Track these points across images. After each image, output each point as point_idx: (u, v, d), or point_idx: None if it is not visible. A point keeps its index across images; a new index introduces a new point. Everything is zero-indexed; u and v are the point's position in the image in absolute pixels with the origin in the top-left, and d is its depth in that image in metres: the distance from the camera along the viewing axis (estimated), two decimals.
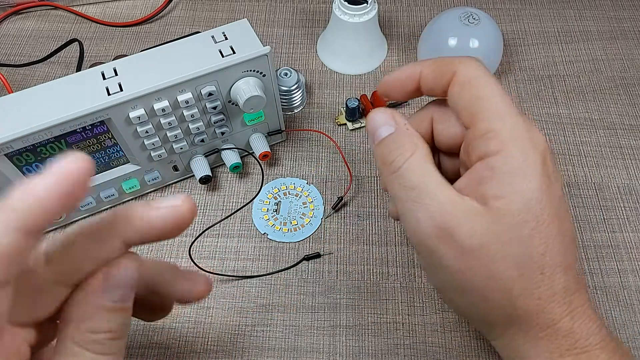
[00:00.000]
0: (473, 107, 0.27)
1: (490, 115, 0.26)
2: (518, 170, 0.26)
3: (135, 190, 0.42)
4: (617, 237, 0.41)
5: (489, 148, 0.26)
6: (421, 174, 0.27)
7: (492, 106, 0.27)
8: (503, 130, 0.26)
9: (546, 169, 0.26)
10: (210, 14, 0.56)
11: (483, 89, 0.27)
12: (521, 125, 0.26)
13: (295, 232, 0.41)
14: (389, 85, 0.30)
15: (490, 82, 0.27)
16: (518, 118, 0.27)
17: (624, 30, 0.54)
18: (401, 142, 0.28)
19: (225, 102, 0.39)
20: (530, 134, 0.26)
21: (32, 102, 0.35)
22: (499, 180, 0.26)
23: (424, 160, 0.27)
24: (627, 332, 0.36)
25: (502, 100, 0.27)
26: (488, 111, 0.27)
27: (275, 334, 0.37)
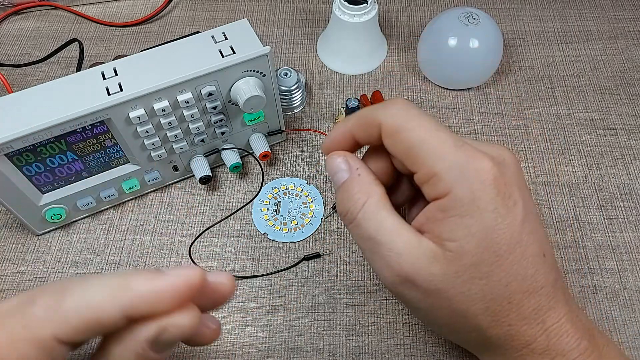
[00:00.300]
0: (410, 156, 0.27)
1: (428, 159, 0.26)
2: (467, 211, 0.25)
3: (135, 190, 0.42)
4: (617, 237, 0.41)
5: (437, 191, 0.26)
6: (375, 223, 0.27)
7: (426, 150, 0.26)
8: (444, 171, 0.26)
9: (499, 199, 0.26)
10: (210, 14, 0.56)
11: (412, 135, 0.26)
12: (462, 160, 0.26)
13: (295, 232, 0.41)
14: (331, 146, 0.30)
15: (417, 125, 0.26)
16: (457, 153, 0.26)
17: (624, 30, 0.54)
18: (353, 192, 0.28)
19: (225, 102, 0.39)
20: (474, 165, 0.26)
21: (32, 102, 0.35)
22: (450, 223, 0.26)
23: (377, 208, 0.27)
24: (627, 332, 0.36)
25: (436, 138, 0.26)
26: (424, 156, 0.26)
27: (275, 334, 0.37)
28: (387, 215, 0.27)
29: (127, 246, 0.41)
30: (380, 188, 0.28)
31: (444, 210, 0.26)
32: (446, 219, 0.26)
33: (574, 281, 0.39)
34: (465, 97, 0.49)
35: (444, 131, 0.27)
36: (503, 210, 0.26)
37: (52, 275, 0.39)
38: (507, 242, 0.26)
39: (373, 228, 0.27)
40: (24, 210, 0.38)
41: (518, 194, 0.26)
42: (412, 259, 0.26)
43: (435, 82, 0.50)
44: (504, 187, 0.26)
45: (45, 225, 0.41)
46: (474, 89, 0.50)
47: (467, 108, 0.48)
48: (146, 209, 0.43)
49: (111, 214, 0.43)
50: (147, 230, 0.42)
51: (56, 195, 0.39)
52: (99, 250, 0.41)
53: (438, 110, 0.48)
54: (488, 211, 0.25)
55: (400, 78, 0.50)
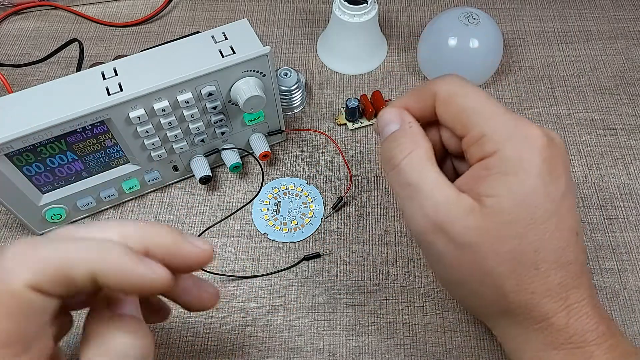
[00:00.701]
0: (462, 119, 0.28)
1: (479, 121, 0.27)
2: (511, 170, 0.26)
3: (135, 190, 0.42)
4: (617, 237, 0.41)
5: (485, 151, 0.27)
6: (418, 171, 0.28)
7: (478, 113, 0.27)
8: (495, 132, 0.27)
9: (545, 166, 0.26)
10: (210, 14, 0.56)
11: (465, 100, 0.28)
12: (513, 124, 0.27)
13: (295, 232, 0.41)
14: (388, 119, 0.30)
15: (471, 92, 0.28)
16: (508, 117, 0.27)
17: (624, 30, 0.54)
18: (402, 140, 0.29)
19: (225, 102, 0.39)
20: (525, 131, 0.27)
21: (32, 102, 0.35)
22: (493, 179, 0.27)
23: (422, 159, 0.28)
24: (627, 332, 0.36)
25: (487, 104, 0.28)
26: (476, 118, 0.27)
27: (275, 334, 0.37)
28: (431, 167, 0.28)
29: None
30: (428, 143, 0.29)
31: (488, 168, 0.27)
32: (489, 176, 0.27)
33: None
34: None
35: (495, 101, 0.28)
36: (547, 177, 0.26)
37: None
38: (545, 209, 0.26)
39: (416, 175, 0.27)
40: (24, 210, 0.38)
41: (562, 170, 0.27)
42: (449, 209, 0.27)
43: None
44: (551, 157, 0.27)
45: (45, 225, 0.41)
46: None
47: None
48: (146, 209, 0.43)
49: (111, 214, 0.43)
50: None
51: (56, 195, 0.39)
52: None
53: None
54: (532, 174, 0.26)
55: (400, 78, 0.50)
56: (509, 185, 0.26)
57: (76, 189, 0.39)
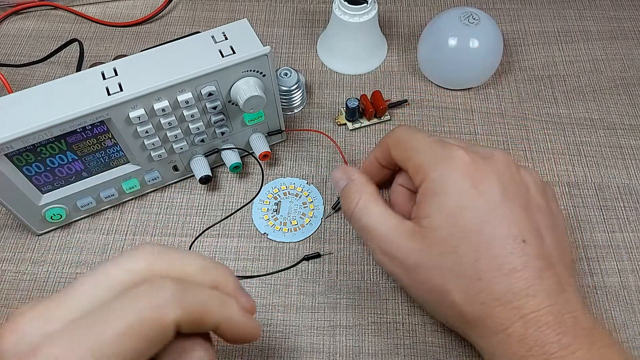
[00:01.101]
0: (405, 158, 0.33)
1: (414, 155, 0.32)
2: (438, 191, 0.30)
3: (135, 190, 0.42)
4: (617, 237, 0.41)
5: (419, 179, 0.31)
6: (366, 214, 0.32)
7: (416, 149, 0.32)
8: (425, 160, 0.31)
9: (469, 181, 0.29)
10: (210, 14, 0.56)
11: (406, 140, 0.33)
12: (440, 151, 0.31)
13: (295, 232, 0.41)
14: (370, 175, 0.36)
15: (412, 134, 0.33)
16: (436, 145, 0.32)
17: (624, 30, 0.54)
18: (349, 193, 0.34)
19: (225, 102, 0.39)
20: (449, 154, 0.30)
21: (32, 102, 0.35)
22: (425, 202, 0.30)
23: (366, 202, 0.33)
24: (627, 332, 0.36)
25: (422, 140, 0.32)
26: (414, 153, 0.32)
27: (275, 334, 0.37)
28: (376, 207, 0.32)
29: (127, 246, 0.41)
30: (371, 187, 0.34)
31: (423, 193, 0.31)
32: (423, 200, 0.30)
33: None
34: (465, 97, 0.49)
35: (433, 137, 0.33)
36: (472, 191, 0.29)
37: (52, 275, 0.40)
38: (474, 221, 0.29)
39: (365, 218, 0.32)
40: (24, 210, 0.38)
41: (495, 182, 0.30)
42: (393, 237, 0.31)
43: (435, 82, 0.50)
44: (475, 173, 0.30)
45: (45, 225, 0.41)
46: (474, 89, 0.50)
47: (467, 108, 0.48)
48: (146, 209, 0.43)
49: (111, 214, 0.43)
50: (147, 230, 0.42)
51: (56, 195, 0.39)
52: (99, 250, 0.41)
53: (438, 110, 0.48)
54: (455, 192, 0.29)
55: (400, 78, 0.50)
56: (437, 204, 0.30)
57: (76, 189, 0.39)
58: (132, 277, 0.22)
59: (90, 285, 0.22)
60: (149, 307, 0.21)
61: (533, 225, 0.29)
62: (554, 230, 0.31)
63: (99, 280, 0.22)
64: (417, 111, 0.48)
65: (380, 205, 0.32)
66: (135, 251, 0.23)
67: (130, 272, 0.22)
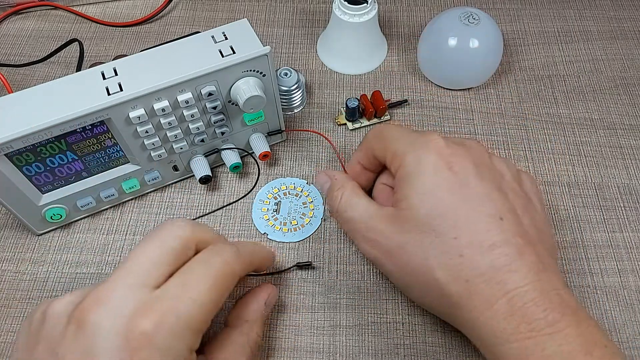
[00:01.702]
0: (383, 147, 0.34)
1: (391, 144, 0.33)
2: (413, 173, 0.31)
3: (135, 190, 0.42)
4: (617, 237, 0.41)
5: (395, 165, 0.32)
6: (349, 206, 0.34)
7: (391, 138, 0.33)
8: (400, 148, 0.32)
9: (443, 162, 0.30)
10: (210, 14, 0.56)
11: (385, 132, 0.34)
12: (415, 137, 0.32)
13: (295, 232, 0.41)
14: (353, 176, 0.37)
15: (391, 127, 0.35)
16: (411, 134, 0.33)
17: (624, 30, 0.54)
18: (332, 191, 0.36)
19: (225, 102, 0.39)
20: (425, 138, 0.32)
21: (32, 102, 0.35)
22: (402, 185, 0.31)
23: (348, 196, 0.34)
24: (627, 332, 0.36)
25: (399, 130, 0.34)
26: (390, 142, 0.33)
27: (275, 334, 0.37)
28: (358, 199, 0.34)
29: (127, 246, 0.41)
30: (351, 182, 0.35)
31: (400, 178, 0.32)
32: (400, 184, 0.31)
33: (574, 281, 0.39)
34: (465, 97, 0.49)
35: (410, 129, 0.34)
36: (446, 172, 0.30)
37: (52, 275, 0.39)
38: (450, 199, 0.29)
39: (348, 210, 0.34)
40: (24, 210, 0.38)
41: (470, 165, 0.30)
42: (374, 223, 0.32)
43: (435, 82, 0.50)
44: (450, 156, 0.31)
45: (45, 225, 0.41)
46: (474, 89, 0.50)
47: (467, 108, 0.48)
48: (146, 209, 0.43)
49: (111, 214, 0.43)
50: (147, 230, 0.42)
51: (56, 195, 0.39)
52: (99, 250, 0.41)
53: (438, 110, 0.48)
54: (430, 172, 0.30)
55: (400, 78, 0.50)
56: (413, 185, 0.30)
57: (76, 189, 0.39)
58: (182, 243, 0.28)
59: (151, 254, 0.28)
60: (223, 263, 0.29)
61: (509, 205, 0.30)
62: (531, 213, 0.31)
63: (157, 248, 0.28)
64: (417, 111, 0.48)
65: (362, 197, 0.34)
66: (175, 222, 0.29)
67: (180, 239, 0.28)
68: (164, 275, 0.27)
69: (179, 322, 0.26)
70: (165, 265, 0.27)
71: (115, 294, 0.26)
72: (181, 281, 0.27)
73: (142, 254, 0.28)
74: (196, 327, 0.27)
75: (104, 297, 0.26)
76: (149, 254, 0.28)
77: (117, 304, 0.26)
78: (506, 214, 0.29)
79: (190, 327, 0.26)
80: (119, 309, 0.25)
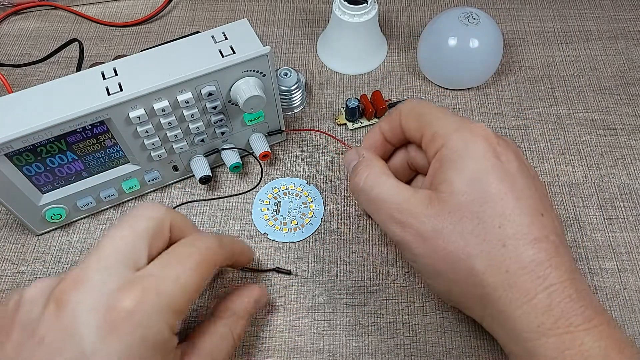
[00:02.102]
0: (419, 125, 0.32)
1: (431, 123, 0.31)
2: (459, 156, 0.29)
3: (135, 190, 0.42)
4: (617, 237, 0.41)
5: (437, 146, 0.31)
6: (376, 186, 0.32)
7: (430, 116, 0.32)
8: (442, 128, 0.31)
9: (491, 150, 0.29)
10: (210, 14, 0.56)
11: (420, 109, 0.33)
12: (459, 120, 0.31)
13: (295, 232, 0.41)
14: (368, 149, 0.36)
15: (425, 103, 0.33)
16: (456, 117, 0.31)
17: (624, 30, 0.54)
18: (359, 169, 0.33)
19: (225, 102, 0.39)
20: (470, 125, 0.30)
21: (32, 102, 0.35)
22: (444, 168, 0.30)
23: (376, 175, 0.32)
24: (627, 332, 0.36)
25: (439, 110, 0.32)
26: (429, 121, 0.32)
27: (275, 334, 0.37)
28: (387, 178, 0.32)
29: None
30: (380, 162, 0.34)
31: (440, 160, 0.30)
32: (442, 166, 0.30)
33: None
34: (465, 97, 0.49)
35: (447, 109, 0.32)
36: (494, 159, 0.29)
37: (52, 275, 0.39)
38: (498, 187, 0.28)
39: (376, 190, 0.32)
40: (24, 210, 0.38)
41: (512, 155, 0.30)
42: (409, 205, 0.30)
43: (435, 82, 0.50)
44: (497, 145, 0.30)
45: (45, 225, 0.41)
46: (474, 89, 0.50)
47: (467, 108, 0.48)
48: None
49: (111, 214, 0.43)
50: None
51: (56, 195, 0.39)
52: None
53: None
54: (478, 156, 0.29)
55: (400, 78, 0.50)
56: (458, 169, 0.29)
57: (76, 189, 0.39)
58: (155, 223, 0.29)
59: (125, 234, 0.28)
60: (206, 248, 0.29)
61: (545, 202, 0.30)
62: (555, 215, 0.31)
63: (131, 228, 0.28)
64: None
65: (391, 177, 0.32)
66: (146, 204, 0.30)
67: (153, 220, 0.29)
68: (141, 257, 0.28)
69: (160, 301, 0.26)
70: (140, 245, 0.28)
71: (94, 275, 0.26)
72: (163, 262, 0.28)
73: (116, 236, 0.28)
74: (177, 308, 0.27)
75: (83, 278, 0.26)
76: (123, 234, 0.28)
77: (96, 283, 0.26)
78: (544, 211, 0.29)
79: (171, 306, 0.26)
80: (99, 287, 0.26)
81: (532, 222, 0.28)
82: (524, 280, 0.27)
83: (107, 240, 0.28)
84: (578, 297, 0.27)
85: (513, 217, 0.28)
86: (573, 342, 0.26)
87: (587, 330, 0.26)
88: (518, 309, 0.27)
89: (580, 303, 0.27)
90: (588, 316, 0.26)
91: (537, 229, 0.28)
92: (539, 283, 0.27)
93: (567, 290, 0.27)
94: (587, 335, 0.26)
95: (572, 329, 0.26)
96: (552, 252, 0.27)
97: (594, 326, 0.26)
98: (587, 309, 0.27)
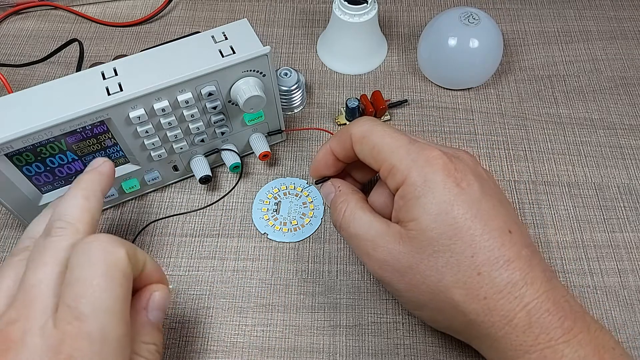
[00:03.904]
0: (373, 156, 0.32)
1: (387, 155, 0.31)
2: (421, 192, 0.29)
3: (135, 190, 0.42)
4: (617, 237, 0.41)
5: (396, 181, 0.30)
6: (353, 222, 0.32)
7: (386, 147, 0.31)
8: (400, 161, 0.30)
9: (451, 179, 0.29)
10: (210, 14, 0.56)
11: (374, 138, 0.31)
12: (415, 151, 0.30)
13: (295, 232, 0.41)
14: (318, 170, 0.36)
15: (379, 130, 0.32)
16: (411, 146, 0.30)
17: (624, 30, 0.54)
18: (335, 204, 0.34)
19: (225, 102, 0.39)
20: (426, 155, 0.30)
21: (32, 102, 0.35)
22: (408, 205, 0.30)
23: (352, 210, 0.33)
24: (627, 332, 0.36)
25: (393, 138, 0.31)
26: (385, 153, 0.31)
27: (275, 334, 0.37)
28: (363, 214, 0.32)
29: None
30: (357, 195, 0.34)
31: (403, 197, 0.30)
32: (406, 203, 0.30)
33: (574, 281, 0.39)
34: (465, 97, 0.49)
35: (399, 133, 0.32)
36: (455, 189, 0.29)
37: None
38: (464, 216, 0.28)
39: (352, 226, 0.32)
40: (24, 210, 0.38)
41: (473, 179, 0.30)
42: (383, 243, 0.30)
43: (435, 82, 0.50)
44: (455, 171, 0.29)
45: None
46: (474, 89, 0.50)
47: (467, 108, 0.48)
48: (146, 209, 0.43)
49: (111, 214, 0.43)
50: (147, 230, 0.42)
51: (56, 195, 0.39)
52: None
53: (438, 110, 0.48)
54: (440, 189, 0.29)
55: (400, 78, 0.50)
56: (423, 206, 0.29)
57: None
58: (30, 243, 0.29)
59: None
60: (104, 251, 0.26)
61: (511, 216, 0.30)
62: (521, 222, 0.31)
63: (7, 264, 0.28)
64: (417, 111, 0.48)
65: (367, 212, 0.32)
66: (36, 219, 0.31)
67: (29, 240, 0.30)
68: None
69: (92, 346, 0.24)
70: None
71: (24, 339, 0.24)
72: (68, 279, 0.25)
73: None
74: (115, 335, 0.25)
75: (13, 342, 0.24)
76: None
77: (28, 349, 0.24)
78: (512, 226, 0.29)
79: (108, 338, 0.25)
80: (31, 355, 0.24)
81: (503, 243, 0.28)
82: (502, 304, 0.27)
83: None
84: (556, 309, 0.27)
85: (483, 244, 0.28)
86: (554, 356, 0.26)
87: (567, 342, 0.26)
88: (500, 331, 0.28)
89: (559, 315, 0.27)
90: (567, 327, 0.27)
91: (508, 249, 0.28)
92: (517, 304, 0.27)
93: (545, 305, 0.27)
94: (566, 347, 0.26)
95: (553, 343, 0.27)
96: (525, 269, 0.28)
97: (573, 336, 0.27)
98: (565, 320, 0.27)
